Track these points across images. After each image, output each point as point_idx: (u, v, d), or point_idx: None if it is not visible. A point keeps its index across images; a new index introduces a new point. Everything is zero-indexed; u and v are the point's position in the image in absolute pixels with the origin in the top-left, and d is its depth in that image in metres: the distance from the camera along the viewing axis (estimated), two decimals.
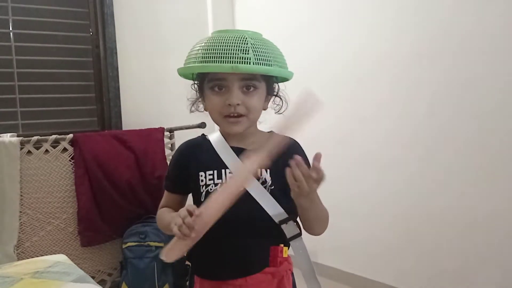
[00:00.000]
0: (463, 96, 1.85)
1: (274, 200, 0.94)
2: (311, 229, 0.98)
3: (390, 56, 2.11)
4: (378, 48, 2.16)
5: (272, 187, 0.96)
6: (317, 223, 0.97)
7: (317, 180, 0.83)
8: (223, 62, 0.89)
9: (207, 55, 0.90)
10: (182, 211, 0.84)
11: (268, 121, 1.06)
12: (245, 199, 0.93)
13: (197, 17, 2.94)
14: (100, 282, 2.26)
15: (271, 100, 1.05)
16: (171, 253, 0.85)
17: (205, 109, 1.03)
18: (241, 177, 0.86)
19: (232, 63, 0.88)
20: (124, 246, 2.15)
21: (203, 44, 0.93)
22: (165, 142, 2.43)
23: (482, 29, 1.77)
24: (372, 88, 2.21)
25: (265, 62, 0.90)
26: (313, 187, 0.84)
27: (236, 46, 0.89)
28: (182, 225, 0.82)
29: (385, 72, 2.14)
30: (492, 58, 1.76)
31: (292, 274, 1.03)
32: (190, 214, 0.83)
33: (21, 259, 1.92)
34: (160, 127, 2.43)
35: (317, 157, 0.84)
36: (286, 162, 0.98)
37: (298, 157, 0.83)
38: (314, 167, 0.82)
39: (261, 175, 0.96)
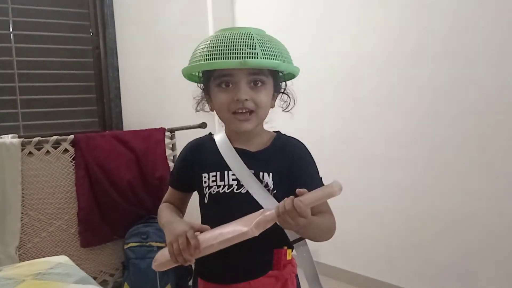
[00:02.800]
0: (465, 96, 1.85)
1: (277, 203, 0.93)
2: (311, 239, 0.96)
3: (393, 56, 2.11)
4: (382, 48, 2.16)
5: (275, 191, 0.95)
6: (318, 238, 0.95)
7: (303, 216, 0.79)
8: (230, 58, 0.88)
9: (214, 52, 0.89)
10: (182, 239, 0.85)
11: (274, 120, 1.05)
12: (248, 201, 0.92)
13: (198, 17, 2.93)
14: (102, 283, 2.26)
15: (278, 98, 1.04)
16: (162, 266, 0.90)
17: (212, 109, 1.02)
18: (244, 235, 0.84)
19: (240, 58, 0.87)
20: (126, 246, 2.15)
21: (208, 42, 0.92)
22: (166, 142, 2.43)
23: (484, 28, 1.77)
24: (375, 88, 2.20)
25: (272, 57, 0.90)
26: (300, 222, 0.80)
27: (243, 42, 0.88)
28: (180, 255, 0.84)
29: (388, 72, 2.14)
30: (493, 57, 1.75)
31: (297, 276, 1.02)
32: (188, 242, 0.84)
33: (23, 261, 1.91)
34: (161, 128, 2.43)
35: (300, 192, 0.81)
36: (288, 166, 0.97)
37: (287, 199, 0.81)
38: (296, 205, 0.79)
39: (263, 178, 0.95)
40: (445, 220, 1.95)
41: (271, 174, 0.96)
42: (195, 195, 1.07)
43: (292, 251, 0.98)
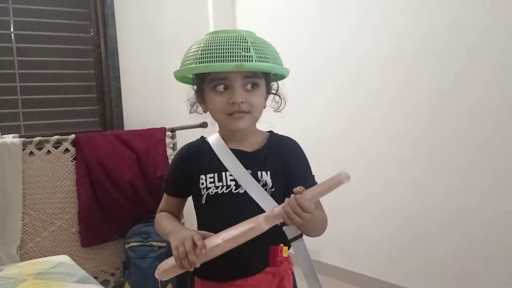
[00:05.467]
0: (466, 94, 1.85)
1: (275, 202, 0.94)
2: (307, 234, 0.98)
3: (394, 56, 2.11)
4: (383, 47, 2.16)
5: (273, 189, 0.96)
6: (314, 231, 0.98)
7: (307, 212, 0.83)
8: (225, 61, 0.89)
9: (208, 55, 0.90)
10: (188, 242, 0.85)
11: (266, 119, 1.06)
12: (247, 201, 0.93)
13: (198, 17, 2.94)
14: (103, 282, 2.26)
15: (270, 98, 1.06)
16: (165, 274, 0.89)
17: (205, 111, 1.03)
18: (253, 231, 0.86)
19: (235, 61, 0.88)
20: (127, 246, 2.15)
21: (202, 45, 0.92)
22: (166, 142, 2.43)
23: (487, 27, 1.77)
24: (376, 88, 2.20)
25: (265, 59, 0.91)
26: (306, 217, 0.83)
27: (238, 45, 0.89)
28: (185, 258, 0.84)
29: (390, 72, 2.13)
30: (495, 56, 1.75)
31: (293, 273, 1.03)
32: (195, 245, 0.84)
33: (24, 260, 1.92)
34: (162, 127, 2.43)
35: (297, 191, 0.84)
36: (286, 164, 0.98)
37: (297, 193, 0.84)
38: (299, 203, 0.82)
39: (261, 177, 0.96)
40: (446, 220, 1.95)
41: (269, 172, 0.97)
42: (189, 200, 1.07)
43: (288, 249, 0.99)
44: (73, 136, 2.17)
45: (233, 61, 0.88)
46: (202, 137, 1.09)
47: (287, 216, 0.84)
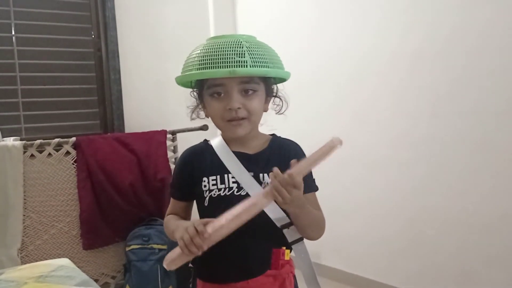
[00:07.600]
0: (466, 97, 1.85)
1: (276, 204, 0.94)
2: (304, 234, 0.98)
3: (394, 58, 2.11)
4: (383, 50, 2.16)
5: None
6: (310, 229, 0.97)
7: (296, 187, 0.83)
8: (220, 68, 0.89)
9: (204, 61, 0.91)
10: (190, 228, 0.85)
11: (268, 122, 1.06)
12: None
13: (199, 20, 2.94)
14: (104, 285, 2.26)
15: (271, 101, 1.06)
16: (174, 263, 0.88)
17: (206, 116, 1.03)
18: (254, 207, 0.86)
19: (229, 67, 0.89)
20: (127, 248, 2.15)
21: (198, 51, 0.94)
22: (167, 144, 2.44)
23: (487, 30, 1.77)
24: (377, 90, 2.20)
25: (261, 64, 0.91)
26: (294, 193, 0.84)
27: (232, 51, 0.90)
28: (191, 243, 0.84)
29: (390, 74, 2.13)
30: (495, 58, 1.75)
31: (294, 276, 1.03)
32: (197, 232, 0.84)
33: (25, 263, 1.92)
34: (163, 130, 2.43)
35: (292, 164, 0.86)
36: (287, 166, 0.98)
37: (275, 169, 0.85)
38: (288, 174, 0.83)
39: (263, 179, 0.97)
40: (446, 222, 1.95)
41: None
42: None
43: (290, 252, 0.99)
44: (74, 138, 2.17)
45: (226, 67, 0.89)
46: (205, 140, 1.10)
47: (275, 190, 0.83)
